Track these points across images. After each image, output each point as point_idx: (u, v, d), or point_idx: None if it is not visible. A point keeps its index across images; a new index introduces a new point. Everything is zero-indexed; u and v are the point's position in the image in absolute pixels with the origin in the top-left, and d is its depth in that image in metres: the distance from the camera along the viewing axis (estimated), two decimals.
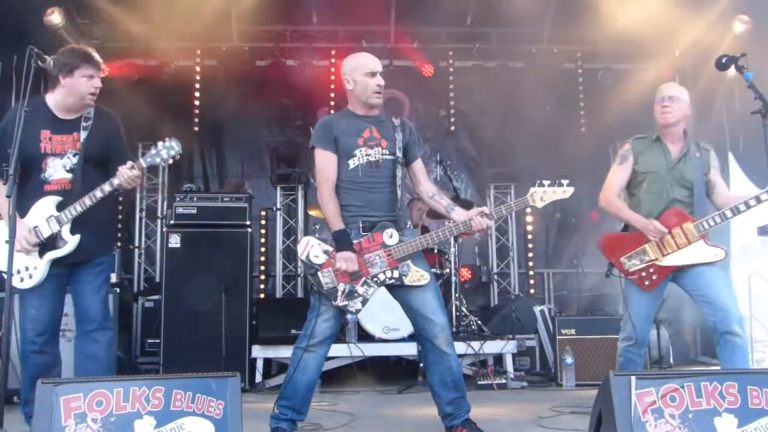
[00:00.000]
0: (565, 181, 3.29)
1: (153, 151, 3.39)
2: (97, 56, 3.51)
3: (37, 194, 3.39)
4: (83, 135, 3.48)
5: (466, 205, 5.72)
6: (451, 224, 3.35)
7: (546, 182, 3.29)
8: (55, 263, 3.39)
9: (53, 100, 3.50)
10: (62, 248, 3.38)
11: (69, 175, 3.45)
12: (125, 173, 3.31)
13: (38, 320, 3.37)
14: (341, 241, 3.23)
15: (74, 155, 3.46)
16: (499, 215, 3.44)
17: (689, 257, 3.50)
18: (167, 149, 3.37)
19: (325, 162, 3.32)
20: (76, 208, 3.36)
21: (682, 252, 3.50)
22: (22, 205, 3.31)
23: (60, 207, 3.39)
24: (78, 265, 3.49)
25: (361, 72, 3.36)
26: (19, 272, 3.31)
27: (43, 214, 3.37)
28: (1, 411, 2.78)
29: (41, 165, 3.40)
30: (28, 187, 3.37)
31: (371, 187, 3.34)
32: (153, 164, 3.41)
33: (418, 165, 3.51)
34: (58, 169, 3.45)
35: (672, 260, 3.51)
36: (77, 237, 3.38)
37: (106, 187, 3.35)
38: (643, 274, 3.55)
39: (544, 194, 3.29)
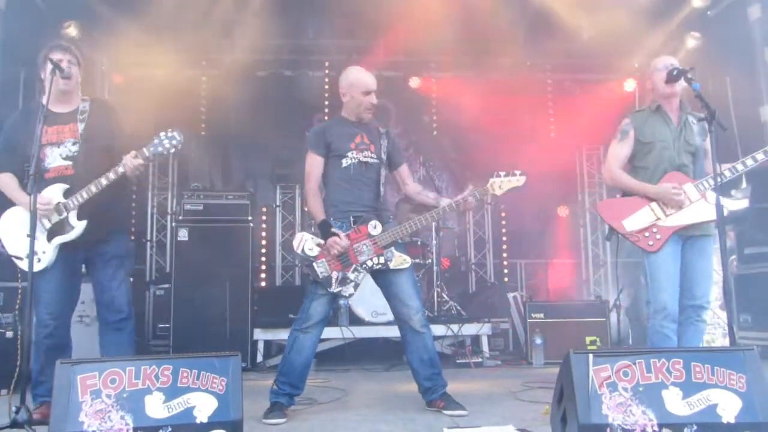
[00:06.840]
0: (518, 171, 3.28)
1: (156, 141, 3.23)
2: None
3: (41, 182, 3.19)
4: (80, 126, 3.32)
5: None
6: (433, 211, 3.36)
7: (502, 173, 3.29)
8: (66, 248, 3.25)
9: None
10: (69, 233, 3.24)
11: (68, 162, 3.29)
12: (129, 162, 3.18)
13: (51, 303, 3.23)
14: (324, 230, 3.30)
15: (73, 144, 3.31)
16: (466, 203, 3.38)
17: (691, 216, 3.28)
18: (169, 139, 3.23)
19: (313, 164, 3.42)
20: (82, 195, 3.22)
21: (684, 212, 3.28)
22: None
23: (67, 194, 3.26)
24: (91, 253, 3.35)
25: (358, 90, 3.40)
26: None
27: (52, 199, 3.24)
28: (24, 390, 2.77)
29: (40, 155, 3.13)
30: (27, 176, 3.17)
31: (360, 185, 3.40)
32: (156, 153, 3.22)
33: (403, 168, 3.59)
34: (55, 158, 3.30)
35: (675, 220, 3.29)
36: (84, 222, 3.23)
37: (111, 175, 3.21)
38: (646, 234, 3.30)
39: (501, 183, 3.29)
